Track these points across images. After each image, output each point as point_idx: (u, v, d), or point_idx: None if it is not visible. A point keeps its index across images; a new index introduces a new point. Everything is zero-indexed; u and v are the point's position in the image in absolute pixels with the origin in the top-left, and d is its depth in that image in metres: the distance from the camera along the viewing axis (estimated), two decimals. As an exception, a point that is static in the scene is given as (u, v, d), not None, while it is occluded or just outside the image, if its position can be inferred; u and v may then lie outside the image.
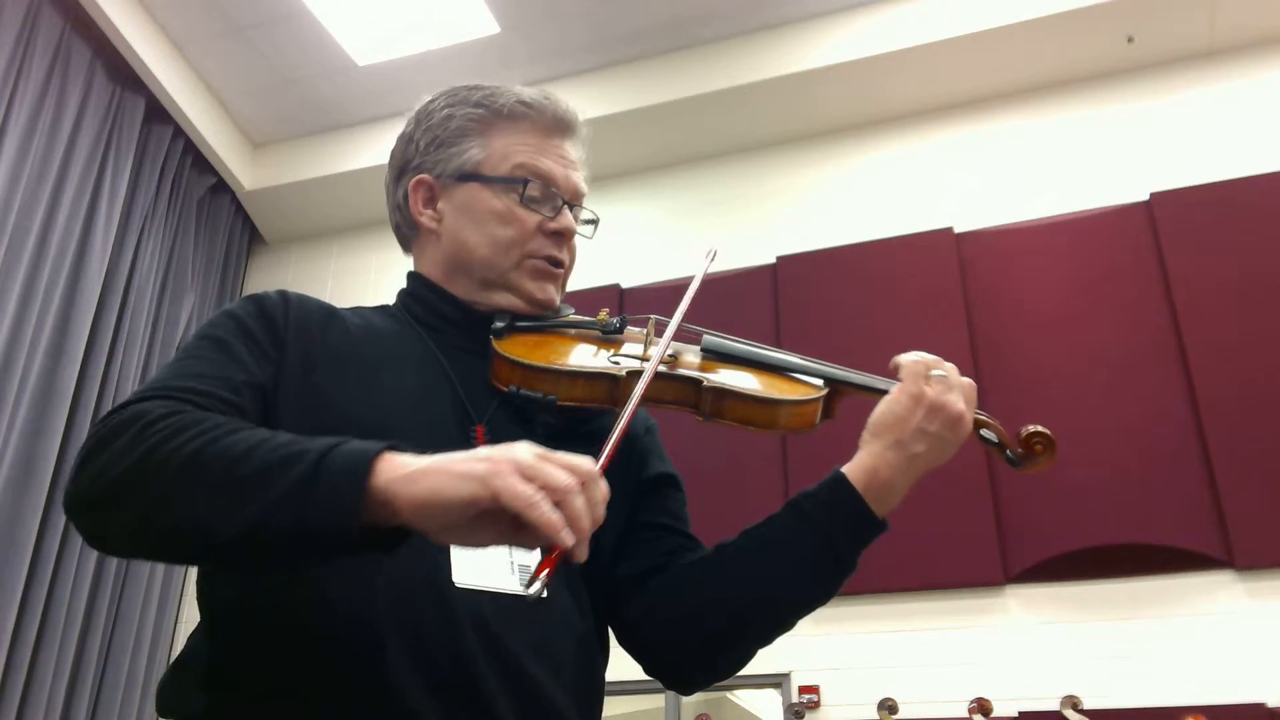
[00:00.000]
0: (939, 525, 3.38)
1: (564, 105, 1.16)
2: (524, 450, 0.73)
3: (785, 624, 1.04)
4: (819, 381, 1.06)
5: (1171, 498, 3.34)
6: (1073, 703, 3.12)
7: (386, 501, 0.74)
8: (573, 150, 1.16)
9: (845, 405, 1.09)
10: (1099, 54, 4.11)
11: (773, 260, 4.23)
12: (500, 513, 0.71)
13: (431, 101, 1.18)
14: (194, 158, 4.82)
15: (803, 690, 3.47)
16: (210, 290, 4.91)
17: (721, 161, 4.63)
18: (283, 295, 1.05)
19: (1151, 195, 3.81)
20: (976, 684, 3.27)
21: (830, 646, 3.47)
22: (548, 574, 0.70)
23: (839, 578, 1.01)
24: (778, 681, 3.56)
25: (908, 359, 1.03)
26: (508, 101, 1.14)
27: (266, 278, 5.25)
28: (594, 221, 1.19)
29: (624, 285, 4.34)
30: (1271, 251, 3.57)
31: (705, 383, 1.01)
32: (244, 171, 5.00)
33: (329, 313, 1.07)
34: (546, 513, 0.70)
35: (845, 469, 1.01)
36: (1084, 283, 3.75)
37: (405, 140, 1.18)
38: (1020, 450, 1.05)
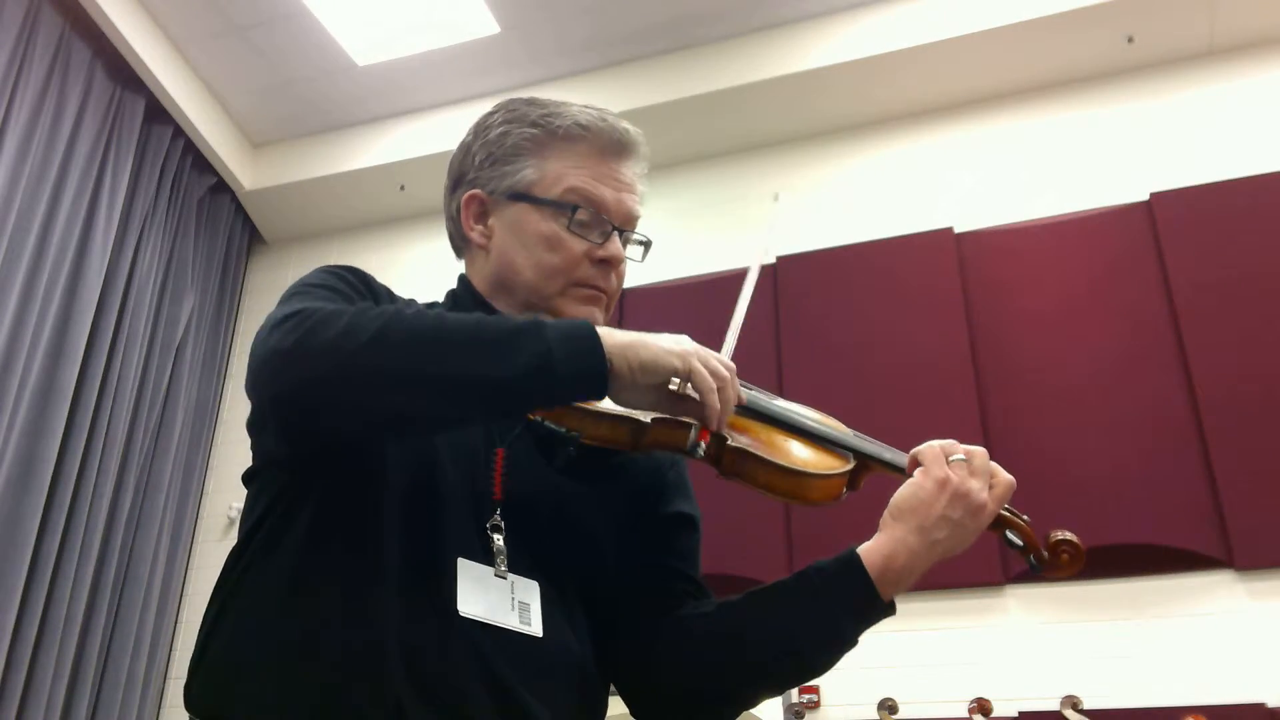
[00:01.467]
0: (939, 525, 3.37)
1: (622, 126, 1.15)
2: (701, 348, 0.94)
3: (778, 690, 1.05)
4: (848, 454, 1.03)
5: (1171, 498, 3.34)
6: (1073, 703, 3.12)
7: (610, 359, 0.89)
8: (629, 171, 1.15)
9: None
10: (1099, 54, 4.11)
11: (773, 260, 4.23)
12: (689, 380, 0.92)
13: (491, 115, 1.18)
14: (194, 158, 4.82)
15: (803, 690, 3.46)
16: (210, 290, 4.91)
17: (721, 161, 4.63)
18: (366, 272, 1.10)
19: (1151, 195, 3.81)
20: (976, 684, 3.27)
21: (830, 646, 3.47)
22: (708, 441, 0.95)
23: (838, 653, 1.01)
24: (778, 681, 3.56)
25: (925, 447, 1.02)
26: (564, 123, 1.12)
27: (266, 278, 5.24)
28: (646, 244, 1.20)
29: (624, 285, 4.33)
30: (1271, 251, 3.57)
31: (730, 441, 0.98)
32: (244, 171, 5.00)
33: (393, 298, 1.11)
34: (716, 400, 0.92)
35: (861, 550, 0.99)
36: (1084, 283, 3.75)
37: (463, 151, 1.18)
38: (1045, 555, 1.02)
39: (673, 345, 0.92)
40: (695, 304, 4.13)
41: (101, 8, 4.16)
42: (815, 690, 3.46)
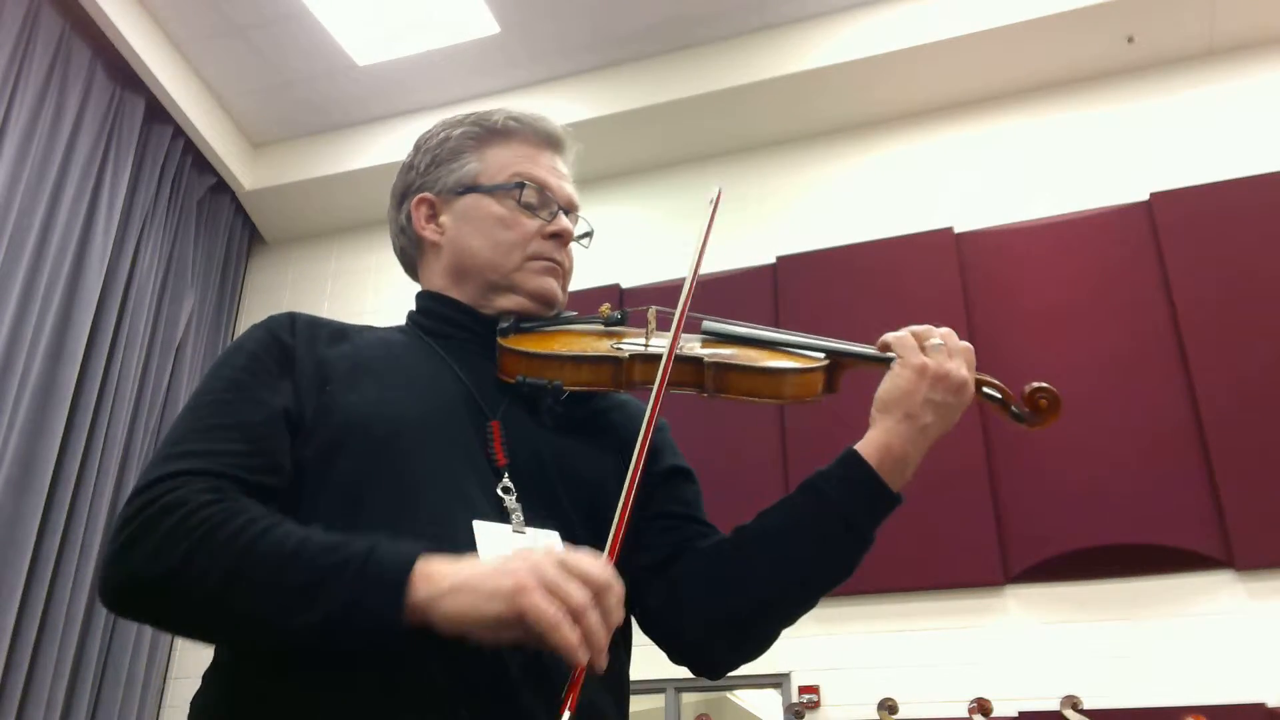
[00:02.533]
0: (939, 525, 3.38)
1: (553, 122, 1.21)
2: (547, 563, 0.81)
3: (807, 602, 1.05)
4: (819, 355, 1.09)
5: (1171, 498, 3.34)
6: (1073, 703, 3.12)
7: (423, 612, 0.82)
8: (562, 165, 1.21)
9: (847, 383, 1.10)
10: (1099, 54, 4.11)
11: (773, 260, 4.23)
12: (524, 622, 0.79)
13: (428, 131, 1.23)
14: (194, 158, 4.82)
15: (803, 690, 3.47)
16: (210, 290, 4.91)
17: (721, 161, 4.63)
18: (290, 316, 1.09)
19: (1151, 195, 3.81)
20: (976, 684, 3.27)
21: (830, 646, 3.47)
22: (574, 696, 0.78)
23: (858, 554, 1.02)
24: (778, 681, 3.56)
25: (896, 336, 1.06)
26: (499, 119, 1.19)
27: (266, 278, 5.25)
28: (589, 234, 1.24)
29: (624, 285, 4.34)
30: (1271, 251, 3.57)
31: (707, 359, 1.04)
32: (244, 171, 5.00)
33: (338, 330, 1.11)
34: (567, 635, 0.77)
35: (858, 446, 1.02)
36: (1084, 283, 3.75)
37: (406, 169, 1.23)
38: (1026, 408, 1.05)
39: (499, 584, 0.80)
40: (694, 304, 4.13)
41: (101, 8, 4.16)
42: (815, 690, 3.46)
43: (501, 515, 0.98)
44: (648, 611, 1.08)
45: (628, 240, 4.40)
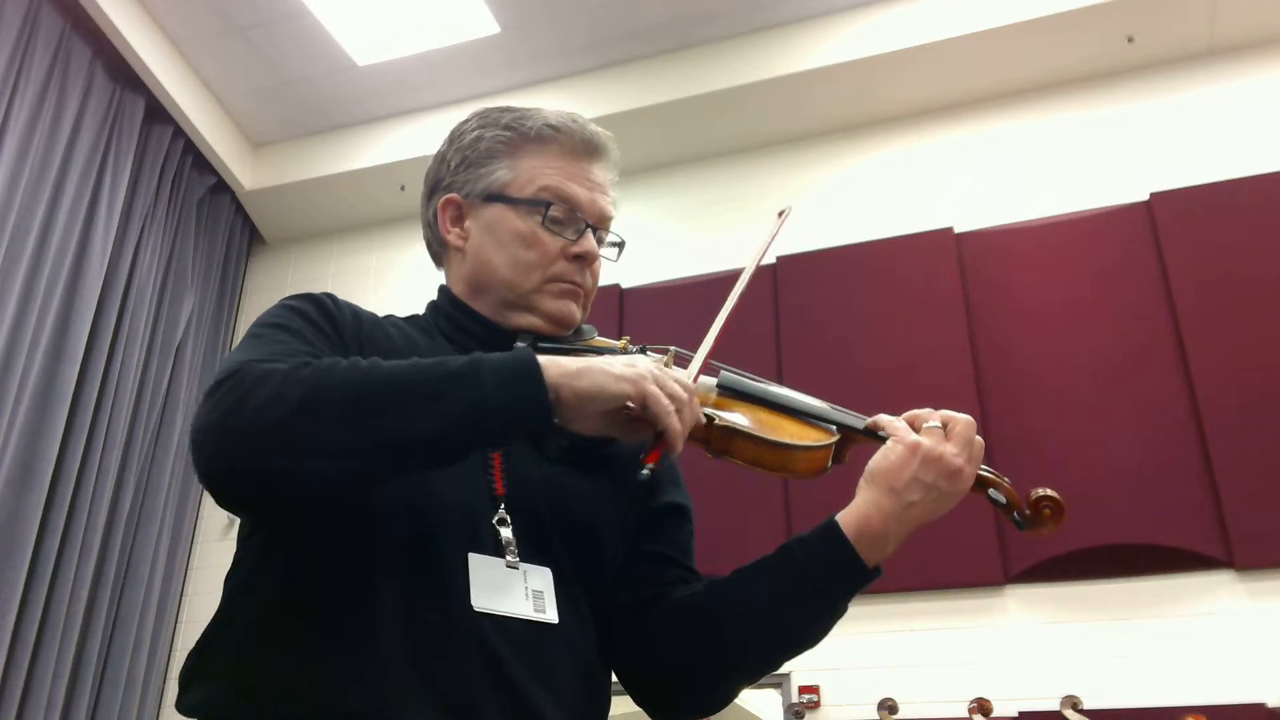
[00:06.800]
0: (939, 525, 3.33)
1: (592, 128, 1.17)
2: (655, 367, 0.91)
3: (772, 664, 1.04)
4: (832, 427, 1.05)
5: (1171, 498, 3.34)
6: (1073, 703, 3.12)
7: (557, 389, 0.88)
8: (601, 173, 1.17)
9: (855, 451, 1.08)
10: (1099, 54, 4.11)
11: (772, 260, 4.23)
12: (644, 404, 0.88)
13: (465, 122, 1.20)
14: (194, 158, 4.82)
15: (803, 690, 3.47)
16: (210, 290, 4.91)
17: (721, 161, 4.63)
18: (331, 296, 1.08)
19: (1151, 195, 3.81)
20: (976, 684, 3.27)
21: (830, 646, 3.44)
22: (654, 464, 0.89)
23: (826, 622, 1.02)
24: (778, 682, 3.56)
25: (890, 419, 1.04)
26: (535, 125, 1.15)
27: (266, 278, 5.24)
28: (619, 245, 1.21)
29: (624, 285, 4.34)
30: (1271, 251, 3.57)
31: (716, 420, 1.01)
32: (244, 171, 5.00)
33: (371, 319, 1.10)
34: (676, 423, 0.89)
35: (839, 516, 1.00)
36: (1084, 283, 3.75)
37: (438, 159, 1.20)
38: (1028, 513, 1.05)
39: (624, 370, 0.89)
40: (695, 304, 4.13)
41: (101, 8, 4.16)
42: (815, 690, 3.46)
43: (495, 545, 0.98)
44: (615, 650, 1.07)
45: (628, 240, 4.39)
